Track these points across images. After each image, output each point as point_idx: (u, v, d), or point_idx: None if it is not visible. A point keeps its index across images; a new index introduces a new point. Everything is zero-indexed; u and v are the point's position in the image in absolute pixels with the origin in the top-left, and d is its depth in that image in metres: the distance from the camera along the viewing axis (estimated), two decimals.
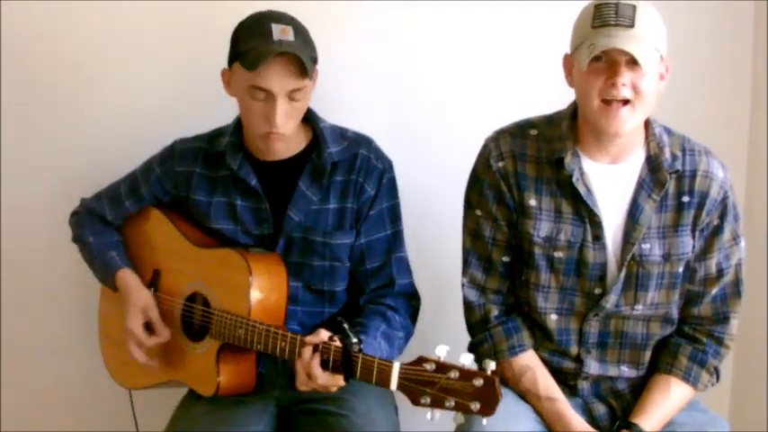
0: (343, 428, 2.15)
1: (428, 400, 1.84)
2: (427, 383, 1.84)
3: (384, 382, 1.90)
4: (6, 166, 2.67)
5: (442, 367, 1.83)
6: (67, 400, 2.79)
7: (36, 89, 2.64)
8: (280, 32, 2.13)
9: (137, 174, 2.41)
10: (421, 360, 1.86)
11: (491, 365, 1.81)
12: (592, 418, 2.19)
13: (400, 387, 1.88)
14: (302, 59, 2.11)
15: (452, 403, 1.81)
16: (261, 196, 2.26)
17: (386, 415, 2.22)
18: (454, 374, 1.81)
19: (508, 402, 2.11)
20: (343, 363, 1.96)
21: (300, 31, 2.17)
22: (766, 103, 2.67)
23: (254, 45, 2.12)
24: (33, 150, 2.67)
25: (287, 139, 2.22)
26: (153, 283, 2.35)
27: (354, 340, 1.97)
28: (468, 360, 1.83)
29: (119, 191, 2.42)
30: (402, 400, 2.33)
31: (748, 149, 2.75)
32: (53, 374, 2.77)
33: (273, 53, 2.10)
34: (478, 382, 1.80)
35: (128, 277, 2.34)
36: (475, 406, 1.80)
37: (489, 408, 1.80)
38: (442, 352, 1.84)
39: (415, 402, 1.85)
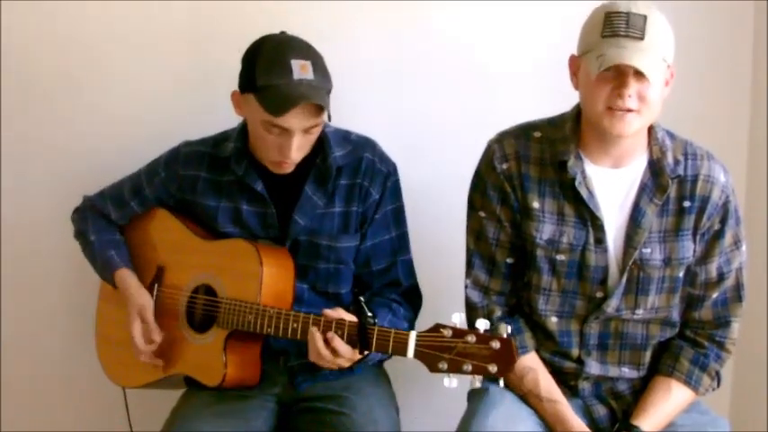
0: (345, 427, 2.16)
1: (445, 365, 1.86)
2: (444, 349, 1.86)
3: (401, 350, 1.92)
4: (7, 167, 2.67)
5: (460, 332, 1.86)
6: (65, 400, 2.78)
7: (36, 90, 2.64)
8: (300, 70, 2.09)
9: (141, 175, 2.41)
10: (438, 327, 1.89)
11: (507, 329, 1.85)
12: (592, 420, 2.18)
13: (417, 355, 1.90)
14: (323, 106, 2.09)
15: (470, 367, 1.84)
16: (267, 201, 2.26)
17: (387, 414, 2.22)
18: (471, 338, 1.84)
19: (509, 403, 2.13)
20: (358, 335, 1.98)
21: (318, 63, 2.14)
22: (766, 103, 2.67)
23: (273, 83, 2.09)
24: (34, 151, 2.67)
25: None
26: (157, 279, 2.36)
27: (369, 314, 1.98)
28: (458, 319, 1.88)
29: (122, 190, 2.43)
30: (404, 401, 2.35)
31: (748, 151, 2.73)
32: (51, 375, 2.77)
33: (296, 103, 2.06)
34: (495, 344, 1.83)
35: (126, 277, 2.35)
36: (493, 368, 1.83)
37: (506, 369, 1.83)
38: (457, 319, 1.88)
39: (433, 369, 1.88)
